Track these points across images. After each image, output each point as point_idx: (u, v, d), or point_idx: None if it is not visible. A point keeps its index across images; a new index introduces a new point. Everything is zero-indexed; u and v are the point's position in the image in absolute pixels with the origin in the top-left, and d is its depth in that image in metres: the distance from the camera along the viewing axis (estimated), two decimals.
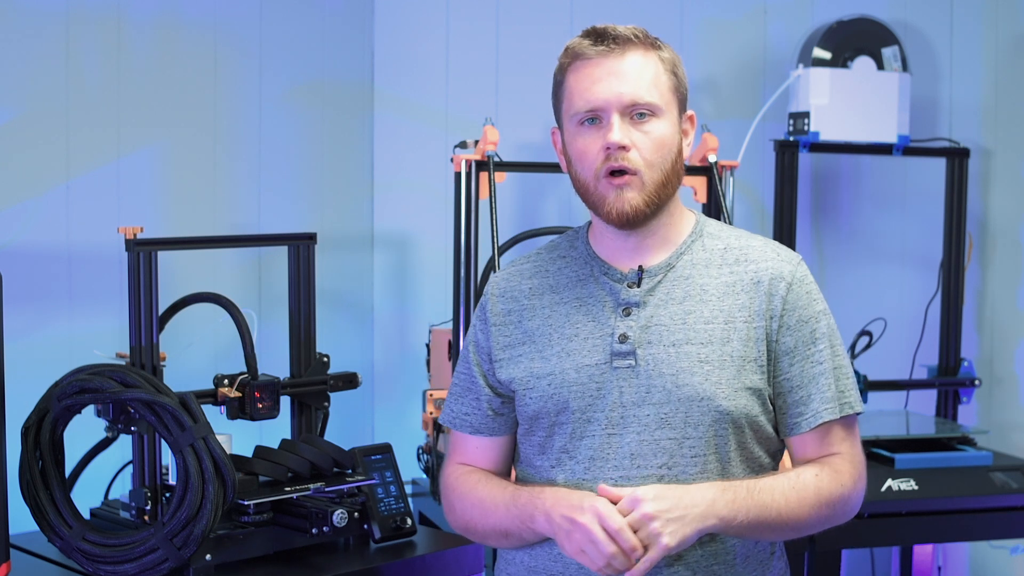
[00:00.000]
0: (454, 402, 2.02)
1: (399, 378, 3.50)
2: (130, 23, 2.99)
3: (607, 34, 1.87)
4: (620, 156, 1.84)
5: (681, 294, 1.89)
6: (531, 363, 1.92)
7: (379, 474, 2.51)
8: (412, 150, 3.52)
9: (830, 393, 1.89)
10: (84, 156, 2.93)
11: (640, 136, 1.85)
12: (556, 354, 1.90)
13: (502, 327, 1.96)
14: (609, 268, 1.93)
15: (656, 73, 1.87)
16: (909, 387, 3.61)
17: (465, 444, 2.02)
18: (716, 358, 1.85)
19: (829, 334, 1.91)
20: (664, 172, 1.86)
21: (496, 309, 1.98)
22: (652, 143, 1.85)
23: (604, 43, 1.86)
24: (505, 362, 1.94)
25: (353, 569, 2.33)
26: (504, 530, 1.91)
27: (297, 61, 3.32)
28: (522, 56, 3.53)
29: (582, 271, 1.95)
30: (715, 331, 1.86)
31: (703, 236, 1.95)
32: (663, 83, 1.87)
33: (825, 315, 1.92)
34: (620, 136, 1.83)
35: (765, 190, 3.67)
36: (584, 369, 1.88)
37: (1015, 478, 3.06)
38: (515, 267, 2.02)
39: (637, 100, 1.84)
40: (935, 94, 3.82)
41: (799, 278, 1.90)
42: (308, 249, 2.55)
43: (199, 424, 2.17)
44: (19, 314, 2.60)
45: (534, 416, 1.91)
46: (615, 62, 1.85)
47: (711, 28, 3.67)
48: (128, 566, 2.19)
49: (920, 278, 3.78)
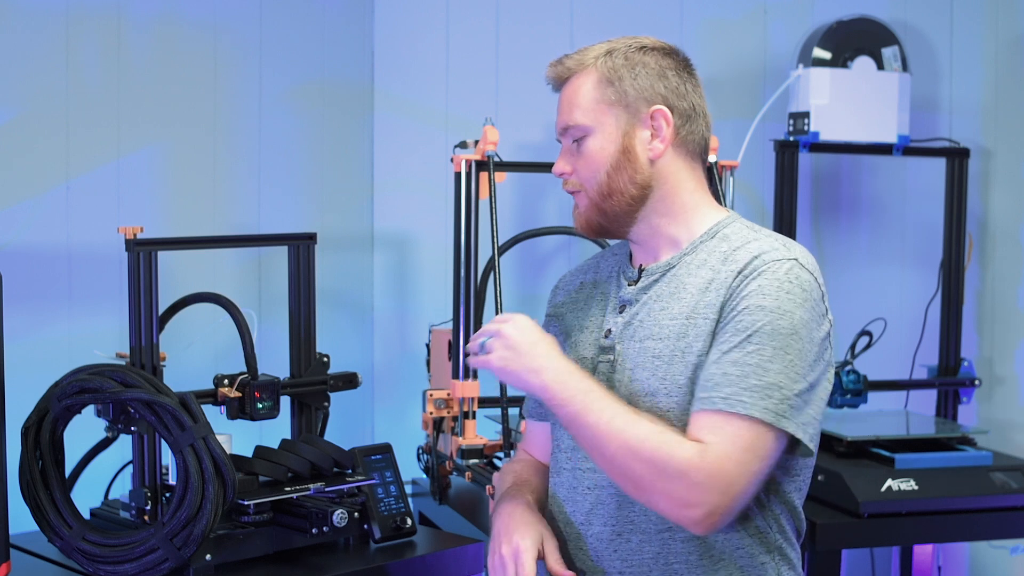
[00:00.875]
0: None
1: (399, 378, 3.50)
2: (130, 23, 2.99)
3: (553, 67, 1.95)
4: (565, 183, 1.95)
5: (668, 293, 1.88)
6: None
7: (379, 474, 2.51)
8: (412, 150, 3.52)
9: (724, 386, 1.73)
10: (84, 156, 2.93)
11: (576, 159, 1.92)
12: (570, 346, 1.98)
13: (553, 318, 2.07)
14: (627, 267, 1.97)
15: (584, 92, 1.90)
16: (909, 387, 3.61)
17: (527, 429, 2.15)
18: (668, 353, 1.82)
19: (771, 335, 1.73)
20: (600, 184, 1.90)
21: (554, 301, 2.10)
22: (583, 162, 1.91)
23: (550, 77, 1.95)
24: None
25: (353, 569, 2.33)
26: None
27: (297, 61, 3.32)
28: (522, 56, 3.53)
29: (614, 269, 2.01)
30: (675, 327, 1.83)
31: (715, 237, 1.89)
32: (590, 98, 1.89)
33: (761, 311, 1.74)
34: (557, 166, 1.95)
35: (765, 190, 3.67)
36: (582, 362, 1.92)
37: (1015, 478, 3.06)
38: (582, 264, 2.12)
39: (567, 125, 1.92)
40: (935, 94, 3.82)
41: (768, 271, 1.77)
42: (308, 249, 2.55)
43: (199, 424, 2.17)
44: (19, 314, 2.60)
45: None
46: (560, 97, 1.95)
47: (711, 28, 3.67)
48: (128, 566, 2.18)
49: (920, 278, 3.78)
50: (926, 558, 3.61)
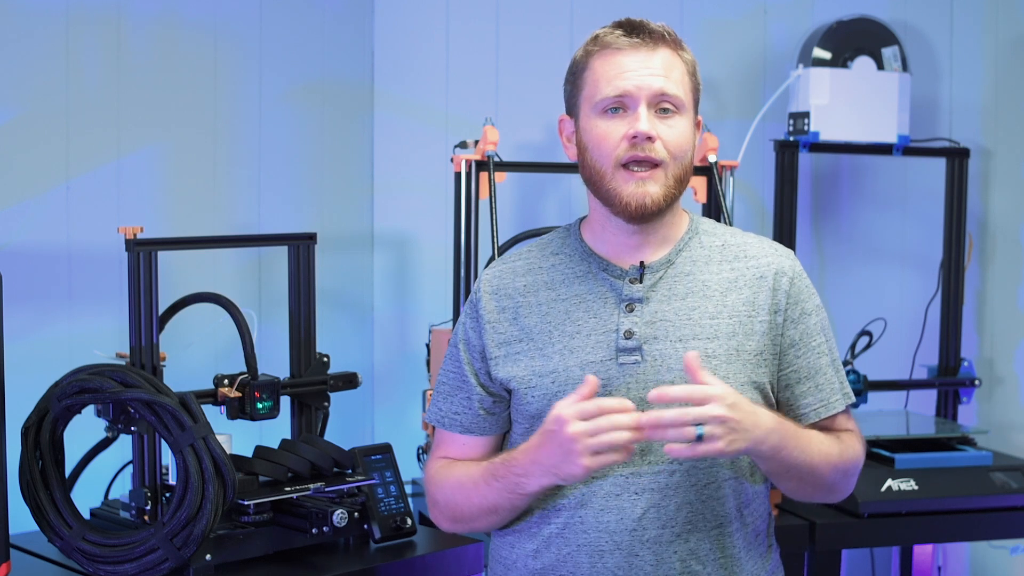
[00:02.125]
0: (442, 401, 2.00)
1: (399, 378, 3.50)
2: (130, 23, 2.99)
3: (642, 27, 1.90)
4: (647, 147, 1.85)
5: (683, 290, 1.90)
6: (531, 361, 1.91)
7: (379, 474, 2.51)
8: (412, 150, 3.52)
9: (836, 384, 1.95)
10: (84, 156, 2.93)
11: (665, 129, 1.86)
12: (558, 352, 1.90)
13: (496, 324, 1.95)
14: (608, 264, 1.93)
15: (682, 72, 1.90)
16: (909, 387, 3.61)
17: (451, 442, 2.00)
18: (723, 353, 1.86)
19: (824, 328, 1.97)
20: (684, 167, 1.89)
21: (489, 307, 1.96)
22: (676, 137, 1.87)
23: (637, 35, 1.89)
24: (501, 360, 1.93)
25: (353, 569, 2.33)
26: (491, 505, 1.89)
27: (297, 61, 3.32)
28: (522, 56, 3.53)
29: (579, 268, 1.95)
30: (720, 326, 1.88)
31: (699, 233, 1.97)
32: (686, 83, 1.91)
33: (820, 309, 1.97)
34: (649, 126, 1.84)
35: (765, 190, 3.67)
36: (589, 366, 1.87)
37: (1015, 478, 3.06)
38: (506, 264, 2.01)
39: (667, 92, 1.86)
40: (935, 94, 3.82)
41: (798, 272, 1.95)
42: (308, 249, 2.55)
43: (199, 424, 2.17)
44: (19, 314, 2.60)
45: (536, 415, 1.89)
46: (646, 55, 1.88)
47: (711, 28, 3.67)
48: (128, 566, 2.19)
49: (920, 278, 3.78)
50: (926, 558, 3.61)
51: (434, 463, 2.01)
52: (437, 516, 1.99)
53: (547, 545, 1.89)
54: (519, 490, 1.84)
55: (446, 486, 1.95)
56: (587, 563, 1.86)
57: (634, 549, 1.84)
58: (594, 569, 1.85)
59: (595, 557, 1.86)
